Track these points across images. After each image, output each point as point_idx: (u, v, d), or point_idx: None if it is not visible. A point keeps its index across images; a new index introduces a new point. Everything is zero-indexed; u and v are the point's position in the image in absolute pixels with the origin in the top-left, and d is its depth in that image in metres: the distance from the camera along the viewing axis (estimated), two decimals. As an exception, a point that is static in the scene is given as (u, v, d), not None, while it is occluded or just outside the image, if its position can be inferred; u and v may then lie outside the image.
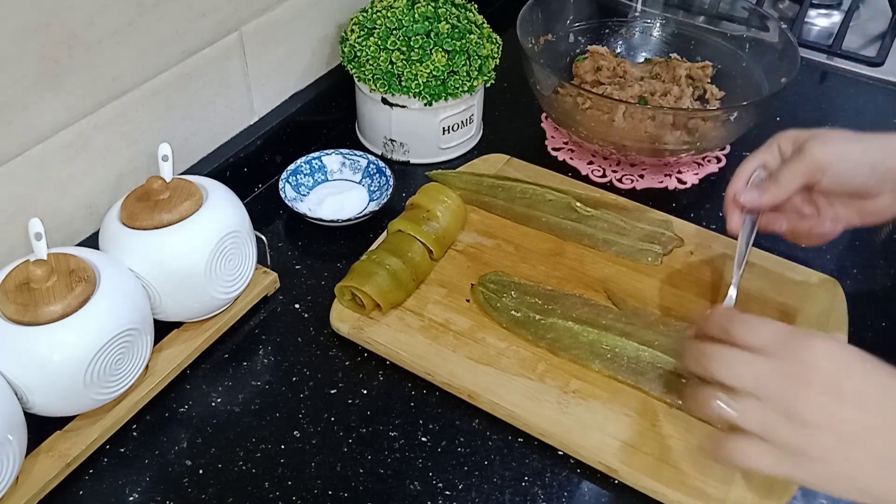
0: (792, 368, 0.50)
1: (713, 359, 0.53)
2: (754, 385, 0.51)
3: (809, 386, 0.49)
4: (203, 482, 0.61)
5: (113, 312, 0.59)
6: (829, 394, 0.49)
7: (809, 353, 0.50)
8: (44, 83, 0.63)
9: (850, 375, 0.50)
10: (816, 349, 0.50)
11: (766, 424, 0.50)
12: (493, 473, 0.62)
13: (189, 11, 0.72)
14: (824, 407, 0.49)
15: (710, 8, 1.00)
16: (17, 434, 0.56)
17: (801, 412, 0.49)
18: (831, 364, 0.50)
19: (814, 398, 0.49)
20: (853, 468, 0.49)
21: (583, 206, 0.80)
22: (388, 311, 0.71)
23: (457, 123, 0.89)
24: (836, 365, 0.50)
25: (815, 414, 0.49)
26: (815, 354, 0.50)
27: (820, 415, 0.49)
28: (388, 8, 0.84)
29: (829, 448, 0.49)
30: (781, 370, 0.50)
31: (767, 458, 0.50)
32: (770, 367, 0.51)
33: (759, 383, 0.51)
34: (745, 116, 0.83)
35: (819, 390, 0.49)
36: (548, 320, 0.69)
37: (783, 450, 0.50)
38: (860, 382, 0.50)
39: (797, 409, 0.49)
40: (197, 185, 0.67)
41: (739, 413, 0.51)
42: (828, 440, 0.49)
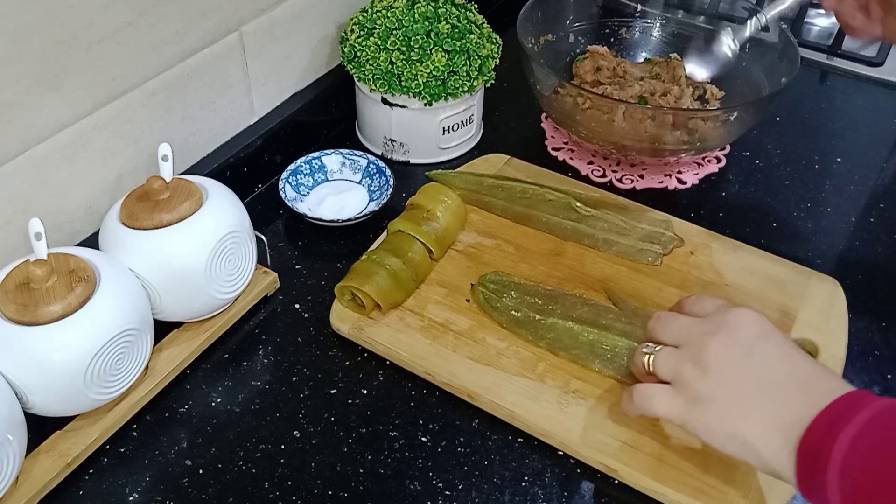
0: (713, 325, 0.56)
1: (655, 319, 0.61)
2: (677, 336, 0.58)
3: (722, 339, 0.55)
4: (203, 482, 0.61)
5: (113, 312, 0.59)
6: (735, 346, 0.54)
7: (731, 314, 0.56)
8: (44, 83, 0.63)
9: (762, 338, 0.55)
10: (739, 313, 0.56)
11: (676, 367, 0.56)
12: (493, 473, 0.62)
13: (189, 11, 0.72)
14: (727, 356, 0.54)
15: (710, 8, 1.00)
16: (17, 434, 0.56)
17: (706, 359, 0.55)
18: (748, 325, 0.55)
19: (720, 348, 0.55)
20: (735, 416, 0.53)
21: (583, 206, 0.80)
22: (388, 311, 0.71)
23: (457, 123, 0.89)
24: (752, 327, 0.55)
25: (717, 362, 0.54)
26: (737, 317, 0.56)
27: (721, 363, 0.54)
28: (388, 8, 0.84)
29: (720, 394, 0.54)
30: (702, 326, 0.57)
31: (667, 400, 0.56)
32: (694, 324, 0.58)
33: (681, 335, 0.58)
34: (745, 116, 0.83)
35: (729, 344, 0.55)
36: (548, 320, 0.69)
37: (682, 394, 0.55)
38: (771, 349, 0.54)
39: (703, 355, 0.55)
40: (197, 185, 0.67)
41: (657, 357, 0.58)
42: (721, 387, 0.54)
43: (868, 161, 0.93)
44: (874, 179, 0.90)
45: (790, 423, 0.50)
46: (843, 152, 0.94)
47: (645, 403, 0.57)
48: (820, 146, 0.95)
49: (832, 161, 0.93)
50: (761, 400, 0.52)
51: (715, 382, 0.54)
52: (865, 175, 0.91)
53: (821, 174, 0.91)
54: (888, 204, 0.87)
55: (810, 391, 0.51)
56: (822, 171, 0.91)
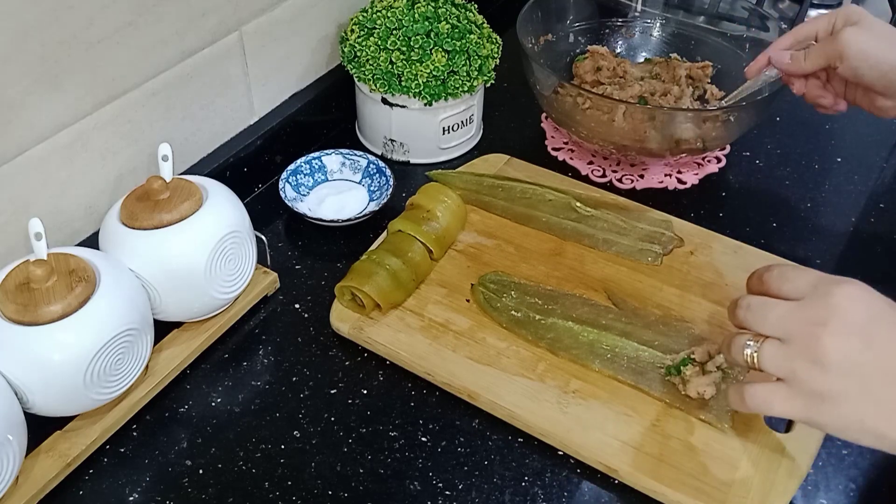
0: (817, 312, 0.50)
1: (746, 308, 0.54)
2: (780, 328, 0.52)
3: (833, 328, 0.49)
4: (203, 482, 0.61)
5: (113, 312, 0.59)
6: (852, 337, 0.49)
7: (836, 296, 0.50)
8: (44, 83, 0.63)
9: (876, 320, 0.50)
10: (844, 293, 0.50)
11: (787, 365, 0.51)
12: (493, 473, 0.62)
13: (189, 11, 0.72)
14: (846, 350, 0.49)
15: (710, 8, 1.00)
16: (17, 434, 0.56)
17: (822, 354, 0.49)
18: (858, 307, 0.50)
19: (836, 341, 0.49)
20: (868, 412, 0.49)
21: (583, 206, 0.80)
22: (388, 311, 0.71)
23: (457, 123, 0.89)
24: (862, 309, 0.50)
25: (835, 356, 0.49)
26: (841, 298, 0.50)
27: (840, 357, 0.49)
28: (388, 8, 0.84)
29: (847, 391, 0.49)
30: (807, 314, 0.51)
31: (785, 400, 0.51)
32: (796, 311, 0.51)
33: (784, 327, 0.51)
34: (745, 116, 0.83)
35: (842, 333, 0.49)
36: (548, 320, 0.69)
37: (801, 392, 0.50)
38: (887, 328, 0.50)
39: (818, 350, 0.49)
40: (197, 185, 0.67)
41: (762, 354, 0.52)
42: (846, 383, 0.49)
43: (868, 161, 0.93)
44: (874, 179, 0.90)
45: None
46: (843, 152, 0.94)
47: (762, 406, 0.53)
48: (820, 146, 0.95)
49: (832, 161, 0.93)
50: (891, 391, 0.49)
51: (837, 379, 0.49)
52: (865, 175, 0.91)
53: (821, 174, 0.91)
54: (888, 204, 0.87)
55: None
56: (822, 171, 0.91)
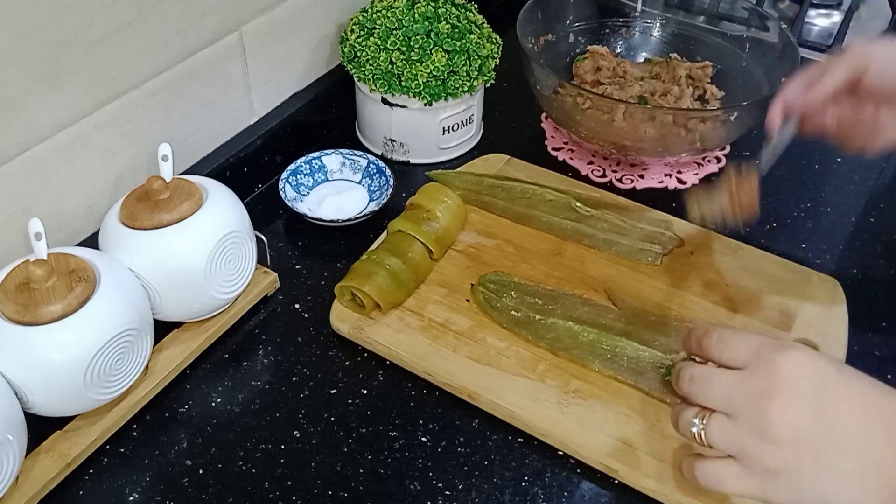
0: (761, 383, 0.48)
1: (689, 380, 0.51)
2: (725, 402, 0.49)
3: (780, 400, 0.47)
4: (203, 482, 0.61)
5: (113, 312, 0.59)
6: (801, 407, 0.47)
7: (780, 365, 0.47)
8: (44, 83, 0.63)
9: (824, 386, 0.47)
10: (788, 360, 0.47)
11: (736, 442, 0.48)
12: (493, 473, 0.62)
13: (189, 11, 0.72)
14: (796, 422, 0.46)
15: (710, 8, 1.00)
16: (17, 434, 0.56)
17: (771, 429, 0.46)
18: (804, 375, 0.47)
19: (785, 413, 0.46)
20: (828, 484, 0.46)
21: (583, 206, 0.80)
22: (388, 311, 0.71)
23: (457, 123, 0.89)
24: (808, 376, 0.47)
25: (785, 430, 0.46)
26: (786, 366, 0.47)
27: (791, 430, 0.46)
28: (388, 8, 0.84)
29: (802, 465, 0.46)
30: (751, 385, 0.48)
31: (738, 479, 0.48)
32: (740, 384, 0.48)
33: (729, 400, 0.49)
34: (745, 116, 0.83)
35: (790, 405, 0.46)
36: (548, 320, 0.69)
37: (754, 470, 0.47)
38: (836, 393, 0.47)
39: (767, 425, 0.47)
40: (197, 185, 0.67)
41: (709, 431, 0.49)
42: (800, 457, 0.46)
43: (868, 161, 0.92)
44: (874, 179, 0.90)
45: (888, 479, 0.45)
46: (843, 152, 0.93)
47: (714, 485, 0.50)
48: (820, 146, 0.94)
49: (832, 161, 0.93)
50: (849, 460, 0.46)
51: (791, 454, 0.46)
52: (865, 175, 0.91)
53: (821, 174, 0.91)
54: (888, 204, 0.87)
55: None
56: (822, 171, 0.91)
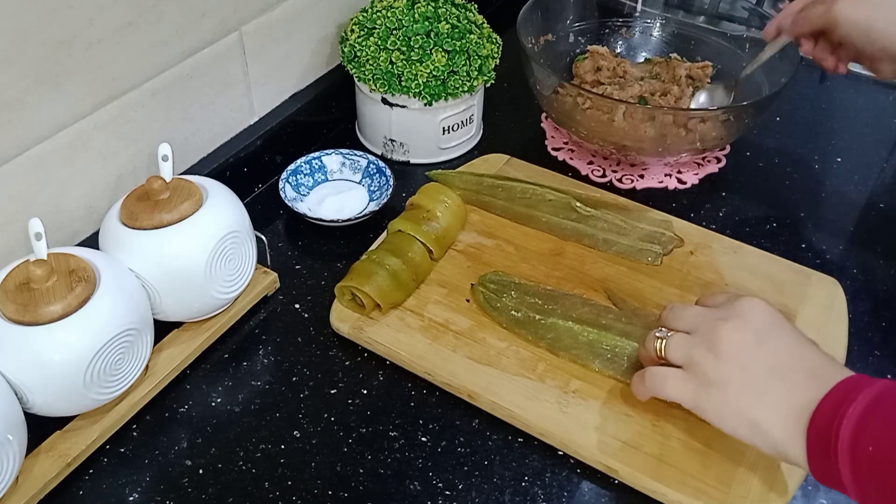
0: (723, 312, 0.57)
1: (669, 310, 0.62)
2: (689, 323, 0.59)
3: (732, 324, 0.56)
4: (203, 482, 0.61)
5: (113, 312, 0.59)
6: (746, 333, 0.55)
7: (742, 302, 0.57)
8: (44, 83, 0.63)
9: (771, 326, 0.56)
10: (752, 302, 0.57)
11: (687, 352, 0.57)
12: (493, 473, 0.62)
13: (189, 11, 0.72)
14: (739, 343, 0.55)
15: (710, 8, 1.00)
16: (17, 434, 0.56)
17: (718, 343, 0.55)
18: (758, 313, 0.57)
19: (732, 334, 0.56)
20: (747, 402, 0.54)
21: (583, 206, 0.80)
22: (388, 311, 0.71)
23: (457, 123, 0.89)
24: (761, 315, 0.56)
25: (729, 346, 0.55)
26: (746, 304, 0.57)
27: (733, 348, 0.55)
28: (388, 8, 0.84)
29: (733, 380, 0.55)
30: (714, 313, 0.58)
31: (678, 382, 0.57)
32: (708, 311, 0.59)
33: (693, 321, 0.58)
34: (745, 116, 0.83)
35: (739, 328, 0.56)
36: (548, 320, 0.69)
37: (694, 377, 0.56)
38: (779, 332, 0.56)
39: (715, 340, 0.56)
40: (197, 185, 0.67)
41: (668, 342, 0.59)
42: (733, 372, 0.55)
43: (868, 161, 0.93)
44: (874, 179, 0.90)
45: (800, 407, 0.52)
46: (843, 152, 0.94)
47: (657, 386, 0.58)
48: (820, 146, 0.95)
49: (832, 161, 0.93)
50: (773, 386, 0.54)
51: (728, 368, 0.55)
52: (865, 175, 0.91)
53: (821, 174, 0.91)
54: (888, 204, 0.87)
55: (818, 376, 0.53)
56: (822, 171, 0.91)
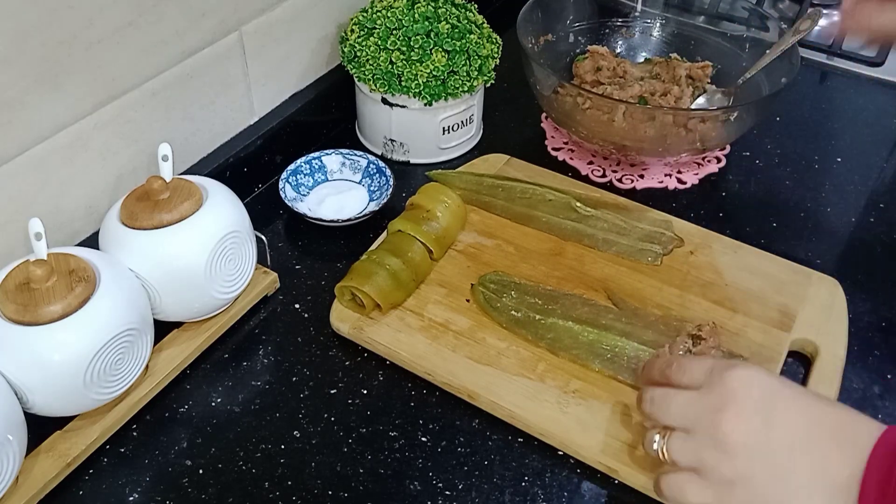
0: (714, 398, 0.51)
1: (650, 402, 0.55)
2: (682, 419, 0.52)
3: (730, 412, 0.50)
4: (203, 482, 0.61)
5: (113, 312, 0.59)
6: (750, 418, 0.50)
7: (730, 381, 0.51)
8: (44, 83, 0.63)
9: (771, 398, 0.50)
10: (736, 376, 0.51)
11: (694, 455, 0.51)
12: (493, 473, 0.62)
13: (189, 11, 0.72)
14: (746, 431, 0.49)
15: (710, 8, 1.00)
16: (17, 434, 0.56)
17: (724, 439, 0.50)
18: (752, 388, 0.51)
19: (736, 424, 0.50)
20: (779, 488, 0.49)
21: (583, 206, 0.80)
22: (388, 311, 0.71)
23: (457, 123, 0.89)
24: (756, 389, 0.51)
25: (737, 439, 0.49)
26: (735, 381, 0.51)
27: (742, 439, 0.49)
28: (388, 8, 0.84)
29: (754, 472, 0.49)
30: (704, 401, 0.52)
31: (698, 491, 0.51)
32: (695, 400, 0.52)
33: (686, 416, 0.52)
34: (745, 116, 0.83)
35: (740, 415, 0.50)
36: (548, 320, 0.69)
37: (711, 479, 0.50)
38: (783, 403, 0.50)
39: (720, 436, 0.50)
40: (197, 185, 0.67)
41: (669, 448, 0.53)
42: (752, 464, 0.49)
43: (868, 161, 0.93)
44: (874, 179, 0.90)
45: (840, 484, 0.47)
46: (843, 152, 0.94)
47: (678, 497, 0.52)
48: (820, 146, 0.95)
49: (832, 161, 0.93)
50: (800, 465, 0.49)
51: (743, 462, 0.49)
52: (865, 175, 0.91)
53: (821, 174, 0.91)
54: (888, 204, 0.87)
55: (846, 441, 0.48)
56: (822, 171, 0.91)
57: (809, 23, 0.87)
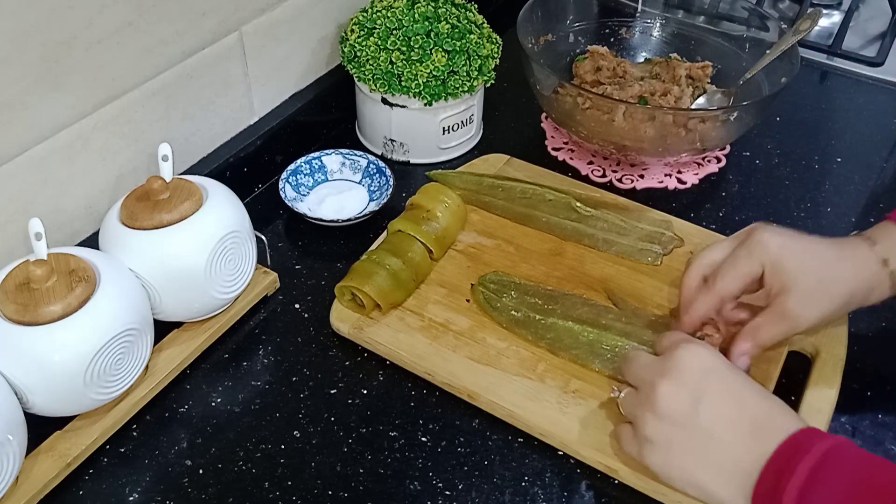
0: (662, 364, 0.57)
1: (623, 359, 0.62)
2: (635, 378, 0.59)
3: (668, 380, 0.56)
4: (203, 482, 0.61)
5: (113, 312, 0.59)
6: (683, 390, 0.55)
7: (679, 351, 0.57)
8: (44, 83, 0.63)
9: (709, 375, 0.56)
10: (687, 350, 0.57)
11: (632, 411, 0.58)
12: (493, 473, 0.62)
13: (189, 11, 0.72)
14: (675, 402, 0.55)
15: (710, 8, 1.00)
16: (17, 434, 0.56)
17: (656, 403, 0.56)
18: (694, 363, 0.56)
19: (669, 392, 0.55)
20: (690, 463, 0.55)
21: (583, 206, 0.80)
22: (388, 311, 0.71)
23: (457, 123, 0.89)
24: (697, 364, 0.56)
25: (665, 406, 0.55)
26: (683, 352, 0.57)
27: (670, 408, 0.55)
28: (388, 8, 0.84)
29: (672, 440, 0.55)
30: (655, 365, 0.58)
31: (628, 441, 0.58)
32: (650, 364, 0.58)
33: (637, 376, 0.59)
34: (745, 116, 0.83)
35: (675, 385, 0.55)
36: (548, 320, 0.69)
37: (639, 435, 0.57)
38: (717, 383, 0.55)
39: (653, 399, 0.56)
40: (197, 185, 0.67)
41: (621, 399, 0.60)
42: (672, 433, 0.55)
43: (868, 161, 0.93)
44: (874, 179, 0.90)
45: (742, 473, 0.53)
46: (843, 152, 0.94)
47: (619, 443, 0.60)
48: (820, 146, 0.95)
49: (832, 161, 0.93)
50: (714, 446, 0.54)
51: (667, 428, 0.55)
52: (865, 175, 0.91)
53: (821, 174, 0.91)
54: (888, 204, 0.87)
55: (760, 434, 0.53)
56: (822, 171, 0.91)
57: (809, 23, 0.88)
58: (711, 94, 0.92)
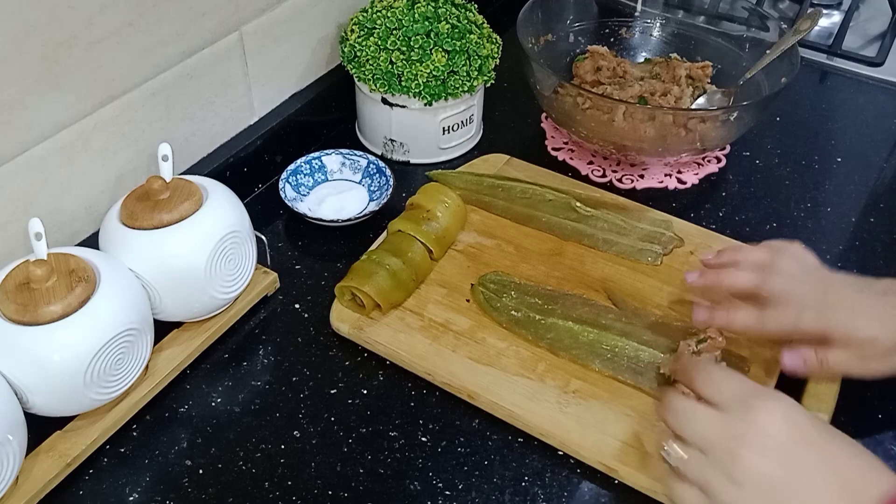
0: (738, 427, 0.51)
1: (672, 412, 0.54)
2: (702, 441, 0.52)
3: (750, 446, 0.50)
4: (203, 482, 0.61)
5: (113, 312, 0.59)
6: (769, 456, 0.50)
7: (757, 412, 0.51)
8: (44, 83, 0.63)
9: (796, 440, 0.50)
10: (766, 409, 0.51)
11: (704, 477, 0.52)
12: (493, 473, 0.62)
13: (189, 11, 0.72)
14: (761, 469, 0.50)
15: (710, 8, 1.00)
16: (17, 434, 0.56)
17: (737, 473, 0.50)
18: (779, 426, 0.51)
19: (752, 459, 0.50)
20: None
21: (583, 206, 0.80)
22: (388, 311, 0.71)
23: (457, 123, 0.89)
24: (783, 427, 0.51)
25: (749, 474, 0.50)
26: (763, 414, 0.51)
27: (755, 476, 0.50)
28: (388, 8, 0.84)
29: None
30: (728, 427, 0.51)
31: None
32: (718, 423, 0.52)
33: (706, 439, 0.52)
34: (745, 116, 0.83)
35: (759, 451, 0.50)
36: (548, 320, 0.69)
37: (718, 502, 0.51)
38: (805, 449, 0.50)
39: (734, 468, 0.50)
40: (197, 185, 0.67)
41: (683, 464, 0.53)
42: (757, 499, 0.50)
43: (868, 161, 0.93)
44: (874, 179, 0.90)
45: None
46: (843, 152, 0.94)
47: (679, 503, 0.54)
48: (820, 146, 0.95)
49: (832, 161, 0.93)
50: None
51: (749, 495, 0.50)
52: (865, 175, 0.91)
53: (821, 174, 0.91)
54: (888, 204, 0.87)
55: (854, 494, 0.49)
56: (822, 171, 0.91)
57: (809, 23, 0.88)
58: (711, 94, 0.92)
